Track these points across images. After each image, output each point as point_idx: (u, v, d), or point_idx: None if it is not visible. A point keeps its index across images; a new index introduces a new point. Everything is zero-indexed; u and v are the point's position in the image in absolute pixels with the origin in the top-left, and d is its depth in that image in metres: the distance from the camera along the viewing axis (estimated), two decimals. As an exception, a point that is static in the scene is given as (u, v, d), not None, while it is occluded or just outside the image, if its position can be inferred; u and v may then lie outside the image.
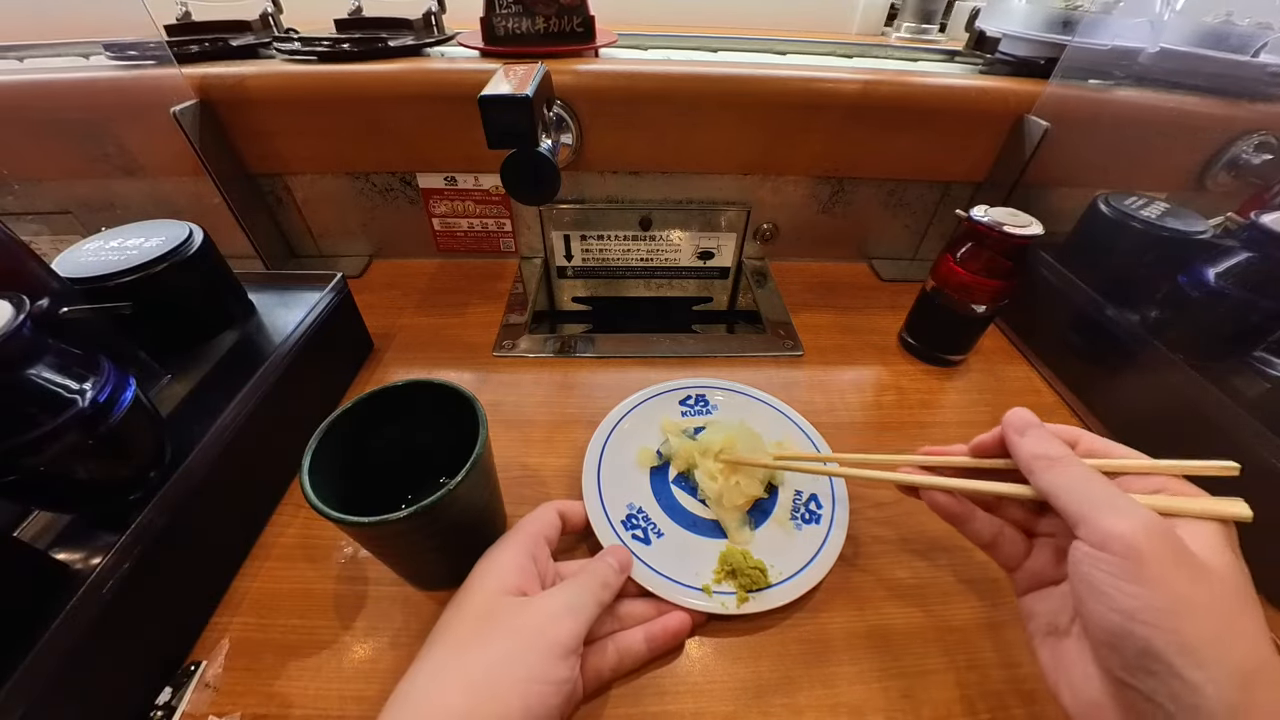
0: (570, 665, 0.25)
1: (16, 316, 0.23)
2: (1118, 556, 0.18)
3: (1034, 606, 0.24)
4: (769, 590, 0.32)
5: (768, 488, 0.38)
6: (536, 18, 0.47)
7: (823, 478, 0.38)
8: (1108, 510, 0.20)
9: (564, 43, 0.51)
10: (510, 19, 0.47)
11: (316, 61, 0.50)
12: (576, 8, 0.48)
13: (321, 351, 0.43)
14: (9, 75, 0.50)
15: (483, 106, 0.37)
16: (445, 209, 0.61)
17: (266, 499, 0.37)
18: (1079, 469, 0.22)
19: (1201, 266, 0.40)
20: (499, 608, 0.25)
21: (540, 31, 0.49)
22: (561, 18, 0.48)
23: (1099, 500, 0.20)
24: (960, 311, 0.47)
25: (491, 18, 0.47)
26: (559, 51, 0.51)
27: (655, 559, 0.33)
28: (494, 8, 0.46)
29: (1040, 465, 0.23)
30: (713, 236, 0.64)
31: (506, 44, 0.49)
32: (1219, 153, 0.47)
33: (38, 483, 0.25)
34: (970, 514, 0.27)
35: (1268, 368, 0.37)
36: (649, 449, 0.40)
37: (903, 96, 0.52)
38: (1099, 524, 0.19)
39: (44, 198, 0.55)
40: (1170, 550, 0.18)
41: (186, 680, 0.28)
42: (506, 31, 0.48)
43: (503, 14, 0.46)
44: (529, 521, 0.31)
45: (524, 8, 0.47)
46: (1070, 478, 0.22)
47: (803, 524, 0.36)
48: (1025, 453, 0.24)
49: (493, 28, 0.48)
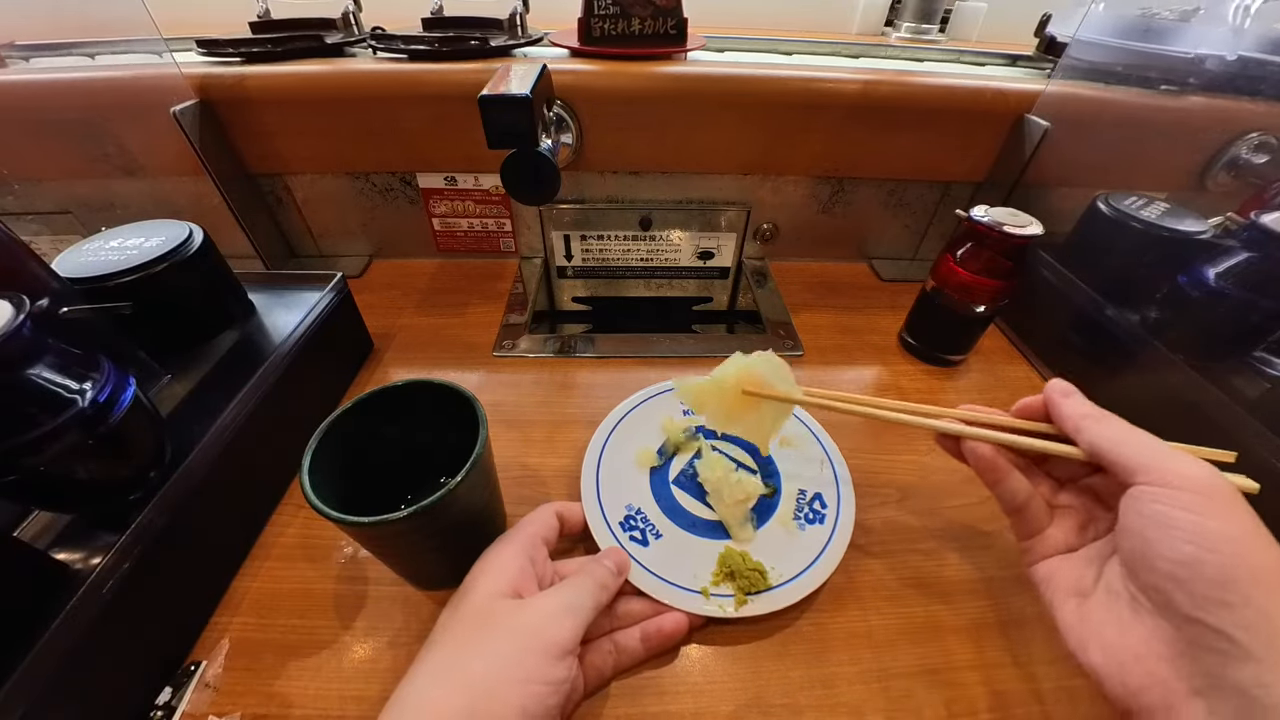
0: (568, 666, 0.25)
1: (16, 316, 0.23)
2: (1190, 492, 0.20)
3: (1053, 572, 0.25)
4: (768, 593, 0.32)
5: (770, 487, 0.38)
6: (633, 19, 0.49)
7: (828, 475, 0.38)
8: (1171, 457, 0.21)
9: (657, 45, 0.52)
10: (607, 21, 0.48)
11: (409, 60, 0.51)
12: (671, 10, 0.49)
13: (321, 351, 0.43)
14: (10, 75, 0.50)
15: (483, 106, 0.37)
16: (445, 209, 0.61)
17: (266, 499, 0.37)
18: (1126, 424, 0.23)
19: (1201, 266, 0.40)
20: (497, 609, 0.25)
21: (635, 33, 0.50)
22: (657, 20, 0.49)
23: (1158, 449, 0.22)
24: (960, 311, 0.47)
25: (590, 19, 0.48)
26: (652, 54, 0.51)
27: (653, 561, 0.33)
28: (593, 9, 0.48)
29: (1088, 421, 0.24)
30: (713, 236, 0.64)
31: (602, 44, 0.50)
32: (1219, 153, 0.47)
33: (38, 483, 0.25)
34: (1008, 472, 0.27)
35: (1268, 368, 0.37)
36: (649, 449, 0.40)
37: (903, 96, 0.52)
38: (1166, 467, 0.21)
39: (44, 198, 0.55)
40: (1233, 491, 0.20)
41: (186, 680, 0.28)
42: (603, 32, 0.49)
43: (601, 15, 0.48)
44: (527, 523, 0.31)
45: (622, 9, 0.48)
46: (1123, 429, 0.23)
47: (806, 524, 0.36)
48: (1072, 411, 0.25)
49: (590, 29, 0.49)
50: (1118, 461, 0.22)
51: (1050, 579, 0.25)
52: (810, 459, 0.40)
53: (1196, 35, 0.48)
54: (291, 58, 0.51)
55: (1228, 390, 0.37)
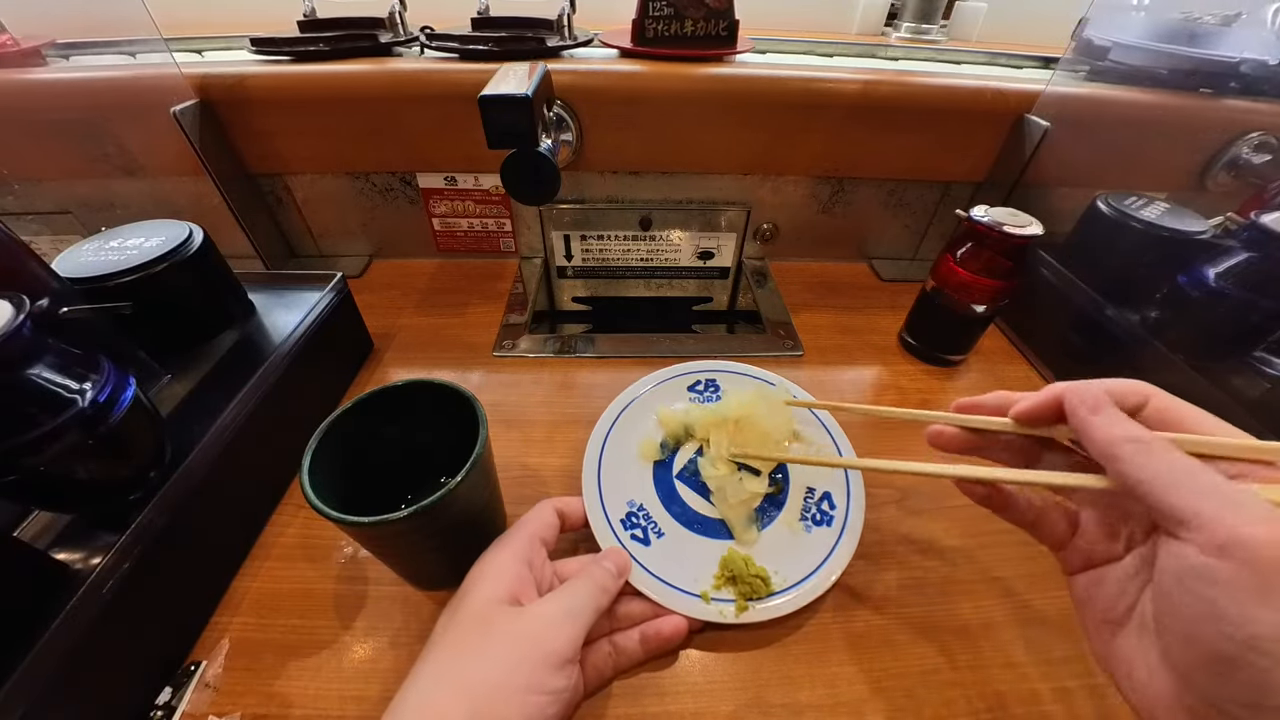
0: (568, 674, 0.24)
1: (16, 316, 0.23)
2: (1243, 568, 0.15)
3: (1086, 591, 0.21)
4: (769, 600, 0.31)
5: (776, 485, 0.37)
6: (686, 21, 0.49)
7: (839, 473, 0.37)
8: (1226, 507, 0.16)
9: (709, 46, 0.52)
10: (661, 22, 0.49)
11: (460, 59, 0.51)
12: (724, 11, 0.50)
13: (321, 351, 0.43)
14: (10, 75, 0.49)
15: (483, 106, 0.37)
16: (445, 209, 0.61)
17: (266, 499, 0.37)
18: (1178, 456, 0.18)
19: (1201, 266, 0.40)
20: (495, 616, 0.25)
21: (688, 34, 0.51)
22: (709, 21, 0.50)
23: (1212, 494, 0.16)
24: (960, 311, 0.47)
25: (644, 20, 0.49)
26: (703, 55, 0.52)
27: (654, 561, 0.32)
28: (647, 10, 0.48)
29: (1128, 450, 0.19)
30: (713, 236, 0.64)
31: (655, 45, 0.51)
32: (1219, 153, 0.47)
33: (38, 483, 0.25)
34: (1008, 499, 0.24)
35: (1268, 368, 0.37)
36: (653, 440, 0.39)
37: (903, 96, 0.52)
38: (1217, 525, 0.16)
39: (44, 198, 0.55)
40: None
41: (186, 680, 0.28)
42: (656, 34, 0.50)
43: (655, 17, 0.48)
44: (526, 522, 0.30)
45: (676, 11, 0.49)
46: (1169, 465, 0.18)
47: (813, 526, 0.35)
48: (1105, 434, 0.19)
49: (644, 29, 0.50)
50: (1160, 506, 0.17)
51: (1086, 600, 0.21)
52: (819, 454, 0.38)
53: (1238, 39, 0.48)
54: (343, 57, 0.51)
55: (1228, 390, 0.37)
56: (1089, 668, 0.30)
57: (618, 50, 0.54)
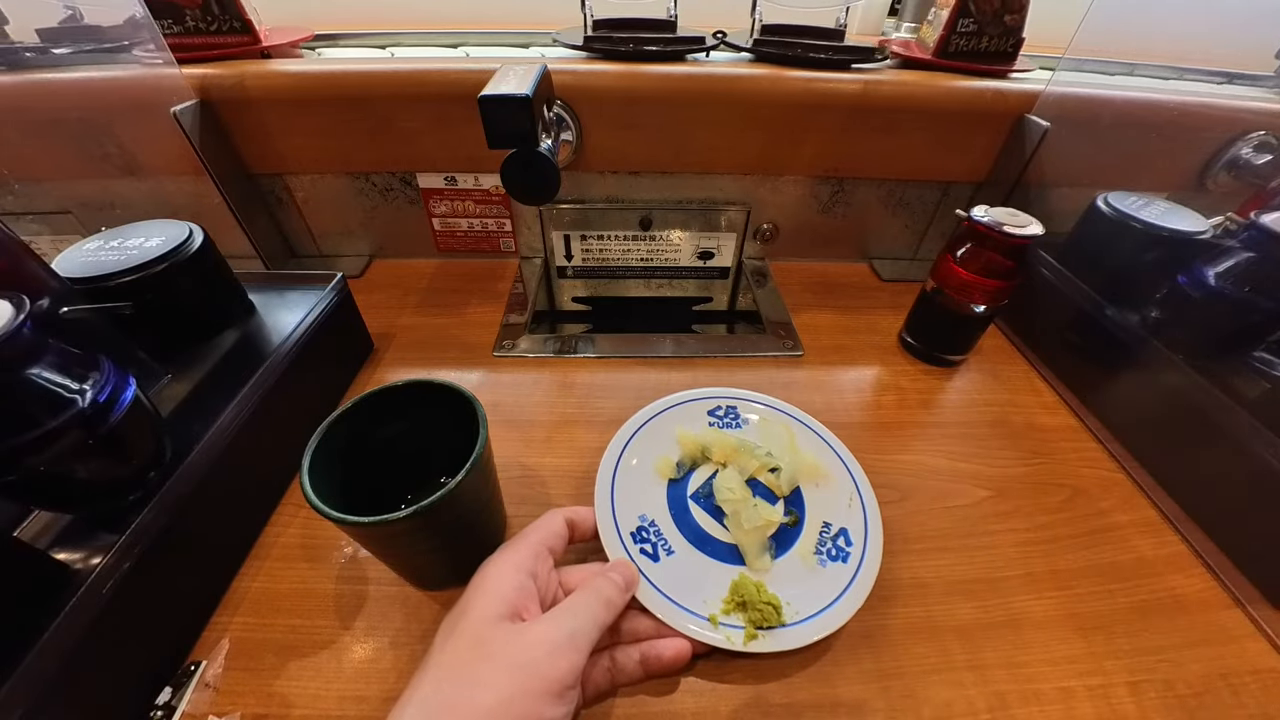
0: (568, 700, 0.23)
1: (16, 316, 0.23)
2: None
3: None
4: (781, 630, 0.30)
5: (793, 515, 0.36)
6: (984, 37, 0.54)
7: (857, 513, 0.35)
8: None
9: (994, 61, 0.55)
10: (964, 38, 0.54)
11: (754, 63, 0.53)
12: (1014, 30, 0.54)
13: (321, 351, 0.43)
14: (10, 75, 0.49)
15: (483, 106, 0.37)
16: (445, 209, 0.61)
17: (266, 499, 0.37)
18: None
19: (1201, 266, 0.40)
20: (494, 637, 0.24)
21: (982, 50, 0.55)
22: (1002, 38, 0.54)
23: None
24: (960, 311, 0.47)
25: (950, 35, 0.53)
26: (987, 70, 0.55)
27: (662, 579, 0.31)
28: (955, 27, 0.53)
29: None
30: (713, 236, 0.64)
31: (954, 59, 0.55)
32: (1219, 153, 0.47)
33: (38, 483, 0.25)
34: None
35: (1268, 368, 0.37)
36: (669, 459, 0.38)
37: (903, 97, 0.52)
38: None
39: (44, 198, 0.55)
40: None
41: (186, 680, 0.28)
42: (957, 48, 0.54)
43: (960, 33, 0.53)
44: (533, 530, 0.29)
45: (979, 27, 0.53)
46: None
47: (828, 560, 0.33)
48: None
49: (948, 43, 0.54)
50: None
51: None
52: (839, 492, 0.37)
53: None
54: (633, 59, 0.52)
55: (1228, 390, 0.37)
56: (1089, 668, 0.30)
57: (908, 60, 0.57)
